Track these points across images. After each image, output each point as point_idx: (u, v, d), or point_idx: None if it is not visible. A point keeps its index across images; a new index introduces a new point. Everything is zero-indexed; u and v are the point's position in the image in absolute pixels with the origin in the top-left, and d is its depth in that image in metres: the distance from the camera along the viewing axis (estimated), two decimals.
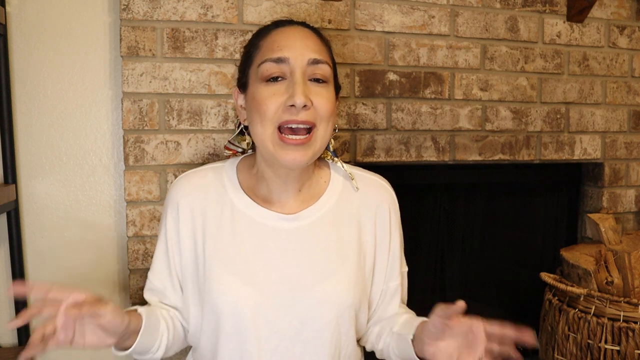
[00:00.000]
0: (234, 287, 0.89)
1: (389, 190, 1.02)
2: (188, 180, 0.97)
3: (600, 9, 1.67)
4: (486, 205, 1.83)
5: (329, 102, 0.89)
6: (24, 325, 1.33)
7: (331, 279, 0.91)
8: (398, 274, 1.02)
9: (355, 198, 0.98)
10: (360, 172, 1.02)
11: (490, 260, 1.85)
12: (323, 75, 0.89)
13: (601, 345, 1.37)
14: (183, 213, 0.94)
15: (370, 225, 0.98)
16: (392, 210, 1.00)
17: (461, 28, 1.54)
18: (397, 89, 1.49)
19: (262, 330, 0.89)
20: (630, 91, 1.74)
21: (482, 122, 1.58)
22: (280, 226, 0.93)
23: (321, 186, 0.98)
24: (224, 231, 0.93)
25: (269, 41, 0.90)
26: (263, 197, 0.95)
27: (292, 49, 0.87)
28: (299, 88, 0.85)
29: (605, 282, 1.44)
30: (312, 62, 0.88)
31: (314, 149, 0.88)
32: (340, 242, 0.94)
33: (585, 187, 1.81)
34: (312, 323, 0.90)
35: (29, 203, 1.37)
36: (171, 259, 0.96)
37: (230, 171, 0.98)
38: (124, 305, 1.42)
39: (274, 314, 0.89)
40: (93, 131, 1.39)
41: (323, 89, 0.89)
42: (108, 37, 1.37)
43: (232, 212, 0.94)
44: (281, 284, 0.90)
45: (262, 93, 0.87)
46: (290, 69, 0.87)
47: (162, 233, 0.97)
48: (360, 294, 0.94)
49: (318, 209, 0.95)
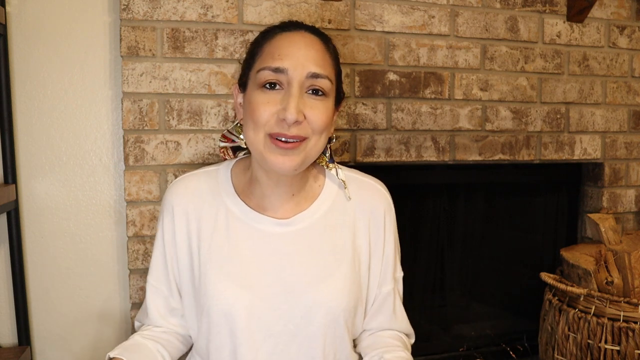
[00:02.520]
0: (228, 291, 0.89)
1: (385, 194, 1.01)
2: (183, 184, 0.97)
3: (600, 9, 1.67)
4: (486, 205, 1.83)
5: (323, 116, 0.87)
6: (24, 325, 1.34)
7: (325, 282, 0.91)
8: (391, 279, 1.01)
9: (350, 202, 0.98)
10: (356, 175, 1.01)
11: (490, 260, 1.85)
12: (322, 89, 0.87)
13: (601, 345, 1.37)
14: (178, 217, 0.94)
15: (365, 230, 0.97)
16: (387, 214, 0.99)
17: (461, 28, 1.54)
18: (397, 89, 1.49)
19: (256, 333, 0.89)
20: (630, 91, 1.74)
21: (482, 122, 1.58)
22: (274, 231, 0.93)
23: (315, 190, 0.98)
24: (218, 235, 0.93)
25: (271, 46, 0.88)
26: (257, 201, 0.95)
27: (292, 59, 0.85)
28: (293, 102, 0.83)
29: (605, 282, 1.44)
30: (311, 76, 0.86)
31: (304, 156, 0.87)
32: (335, 246, 0.94)
33: (585, 187, 1.81)
34: (307, 326, 0.90)
35: (29, 203, 1.37)
36: (169, 262, 0.96)
37: (225, 175, 0.98)
38: (124, 305, 1.42)
39: (269, 317, 0.89)
40: (93, 131, 1.39)
41: (320, 102, 0.87)
42: (108, 37, 1.37)
43: (226, 216, 0.94)
44: (275, 287, 0.90)
45: (257, 99, 0.86)
46: (288, 80, 0.85)
47: (159, 237, 0.97)
48: (355, 298, 0.94)
49: (312, 214, 0.95)
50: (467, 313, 1.89)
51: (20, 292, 1.34)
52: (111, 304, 1.42)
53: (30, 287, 1.38)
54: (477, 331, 1.80)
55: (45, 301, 1.39)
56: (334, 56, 0.93)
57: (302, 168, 0.89)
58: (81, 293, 1.41)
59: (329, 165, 1.00)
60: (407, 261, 1.06)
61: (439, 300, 1.85)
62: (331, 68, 0.90)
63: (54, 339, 1.40)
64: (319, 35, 0.92)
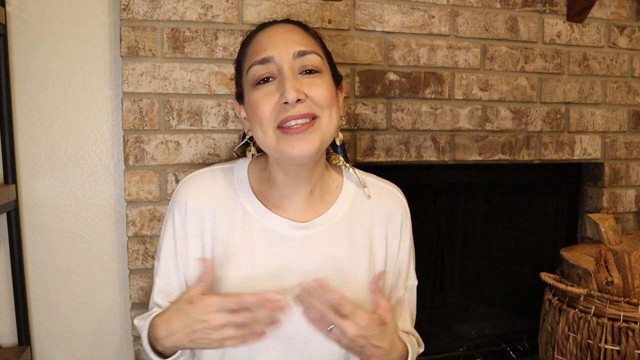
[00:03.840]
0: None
1: (402, 199, 1.00)
2: (197, 180, 0.93)
3: (600, 9, 1.67)
4: (486, 205, 1.83)
5: (325, 90, 0.85)
6: (24, 325, 1.34)
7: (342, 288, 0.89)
8: (402, 286, 1.00)
9: (367, 206, 0.96)
10: (373, 179, 1.00)
11: (490, 260, 1.85)
12: (314, 65, 0.86)
13: (601, 345, 1.37)
14: (191, 213, 0.91)
15: (382, 234, 0.96)
16: (404, 220, 0.98)
17: (461, 28, 1.54)
18: (397, 89, 1.49)
19: (270, 338, 0.87)
20: (630, 91, 1.74)
21: (482, 122, 1.58)
22: (292, 234, 0.91)
23: (333, 192, 0.96)
24: (234, 235, 0.91)
25: (253, 46, 0.88)
26: (275, 202, 0.93)
27: (275, 46, 0.85)
28: (289, 83, 0.82)
29: (605, 282, 1.44)
30: (298, 55, 0.85)
31: (320, 136, 0.84)
32: (352, 251, 0.93)
33: (585, 187, 1.81)
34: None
35: (29, 203, 1.37)
36: (180, 262, 0.93)
37: (242, 173, 0.95)
38: (124, 305, 1.42)
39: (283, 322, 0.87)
40: (93, 131, 1.39)
41: (316, 78, 0.86)
42: (108, 37, 1.37)
43: (243, 216, 0.91)
44: (290, 292, 0.88)
45: (255, 97, 0.85)
46: (277, 66, 0.84)
47: (167, 235, 0.93)
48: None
49: (330, 218, 0.93)
50: (467, 313, 1.89)
51: (20, 292, 1.34)
52: (111, 304, 1.42)
53: (30, 287, 1.38)
54: (477, 331, 1.79)
55: (45, 301, 1.39)
56: (317, 37, 0.92)
57: (321, 151, 0.87)
58: (81, 293, 1.41)
59: (346, 165, 0.98)
60: None
61: (439, 300, 1.85)
62: (316, 45, 0.89)
63: (54, 339, 1.40)
64: (296, 23, 0.92)
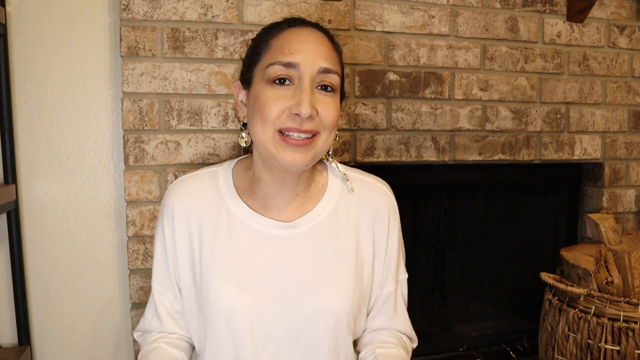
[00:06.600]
0: (230, 294, 0.88)
1: (389, 194, 1.00)
2: (183, 186, 0.95)
3: (600, 9, 1.67)
4: (486, 205, 1.83)
5: (334, 112, 0.86)
6: (24, 325, 1.34)
7: (329, 286, 0.90)
8: (393, 281, 0.99)
9: (353, 203, 0.96)
10: (359, 175, 1.00)
11: (490, 260, 1.85)
12: (331, 84, 0.86)
13: (601, 345, 1.37)
14: (179, 220, 0.92)
15: (369, 231, 0.96)
16: (392, 214, 0.98)
17: (461, 28, 1.54)
18: (397, 89, 1.49)
19: (259, 337, 0.88)
20: (630, 91, 1.74)
21: (482, 122, 1.58)
22: (277, 233, 0.91)
23: (319, 190, 0.96)
24: (220, 238, 0.91)
25: (280, 41, 0.87)
26: (259, 202, 0.93)
27: (303, 54, 0.84)
28: (306, 97, 0.82)
29: (605, 282, 1.44)
30: (322, 71, 0.85)
31: (314, 152, 0.86)
32: (338, 249, 0.93)
33: (585, 187, 1.81)
34: (310, 331, 0.89)
35: (29, 203, 1.37)
36: (171, 267, 0.94)
37: (226, 175, 0.96)
38: (124, 305, 1.42)
39: (271, 322, 0.88)
40: (93, 131, 1.39)
41: (330, 98, 0.86)
42: (108, 37, 1.37)
43: (228, 218, 0.92)
44: (278, 291, 0.89)
45: (267, 95, 0.85)
46: (300, 75, 0.84)
47: (159, 240, 0.95)
48: (359, 301, 0.93)
49: (315, 216, 0.94)
50: (467, 313, 1.89)
51: (20, 292, 1.34)
52: (111, 304, 1.42)
53: (30, 287, 1.38)
54: (477, 331, 1.80)
55: (45, 301, 1.39)
56: (339, 53, 0.92)
57: (310, 165, 0.88)
58: (81, 293, 1.41)
59: (328, 159, 0.98)
60: (407, 261, 1.06)
61: (439, 300, 1.85)
62: (338, 64, 0.90)
63: (54, 339, 1.40)
64: (325, 32, 0.91)
